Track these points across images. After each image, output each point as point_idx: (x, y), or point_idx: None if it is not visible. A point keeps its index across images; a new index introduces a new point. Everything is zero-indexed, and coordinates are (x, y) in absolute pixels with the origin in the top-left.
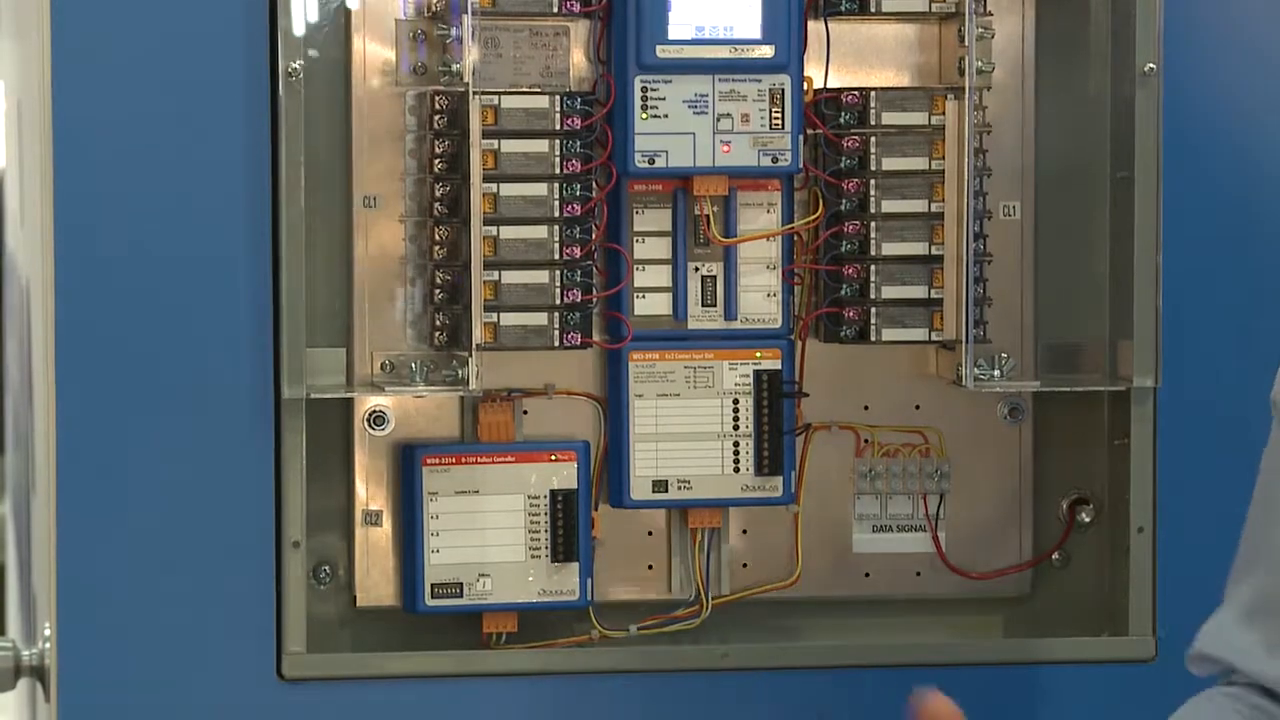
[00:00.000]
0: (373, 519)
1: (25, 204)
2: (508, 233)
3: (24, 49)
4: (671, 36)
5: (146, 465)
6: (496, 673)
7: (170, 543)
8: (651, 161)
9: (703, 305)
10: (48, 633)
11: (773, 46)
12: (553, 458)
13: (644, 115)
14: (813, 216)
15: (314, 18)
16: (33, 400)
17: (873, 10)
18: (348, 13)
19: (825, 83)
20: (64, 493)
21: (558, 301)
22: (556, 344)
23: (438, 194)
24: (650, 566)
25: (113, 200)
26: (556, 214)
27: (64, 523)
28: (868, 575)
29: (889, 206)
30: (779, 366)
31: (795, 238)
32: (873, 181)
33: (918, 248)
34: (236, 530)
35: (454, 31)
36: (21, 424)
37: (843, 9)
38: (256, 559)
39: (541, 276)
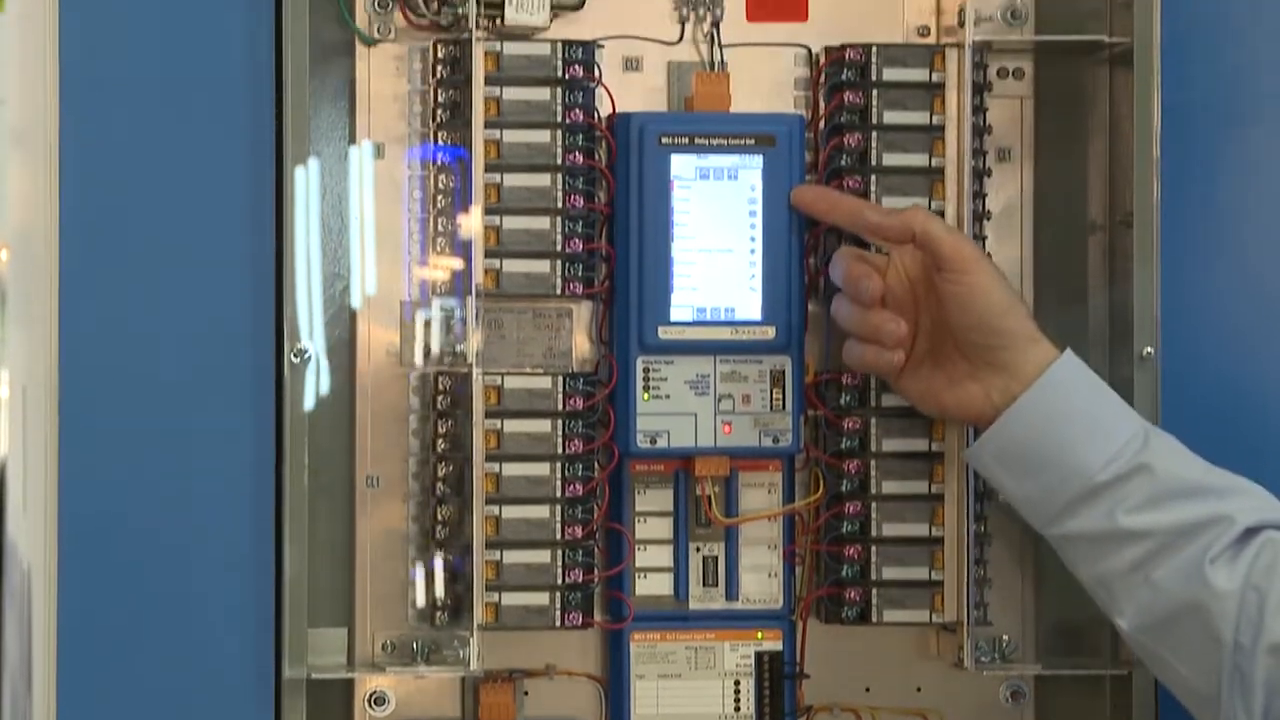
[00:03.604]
0: None
1: (29, 491)
2: (510, 513)
3: (31, 335)
4: (673, 318)
5: None
6: None
7: None
8: (653, 442)
9: (704, 585)
10: None
11: (773, 328)
12: None
13: (646, 396)
14: (813, 497)
15: (319, 302)
16: (31, 684)
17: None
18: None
19: (826, 363)
20: None
21: (559, 581)
22: (558, 624)
23: (440, 474)
24: None
25: (116, 489)
26: (559, 494)
27: None
28: None
29: (889, 487)
30: (780, 647)
31: (796, 518)
32: (873, 462)
33: (918, 529)
34: None
35: (458, 314)
36: (20, 708)
37: None
38: None
39: (543, 556)
